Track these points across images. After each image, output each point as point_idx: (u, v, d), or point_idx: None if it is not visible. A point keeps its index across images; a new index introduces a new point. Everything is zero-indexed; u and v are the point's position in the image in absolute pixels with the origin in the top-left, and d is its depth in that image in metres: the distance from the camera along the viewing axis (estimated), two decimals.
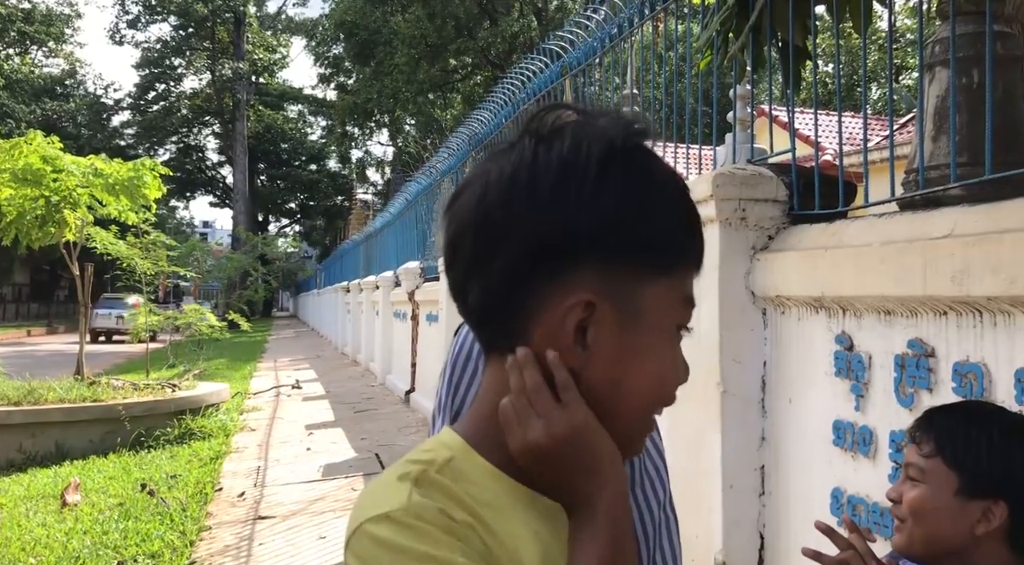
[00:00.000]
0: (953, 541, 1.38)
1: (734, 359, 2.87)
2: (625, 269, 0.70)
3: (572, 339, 0.70)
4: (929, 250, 2.06)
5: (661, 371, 0.74)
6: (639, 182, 0.71)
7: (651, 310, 0.72)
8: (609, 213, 0.69)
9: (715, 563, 2.86)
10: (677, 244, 0.73)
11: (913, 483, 1.42)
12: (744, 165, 3.03)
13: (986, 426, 1.39)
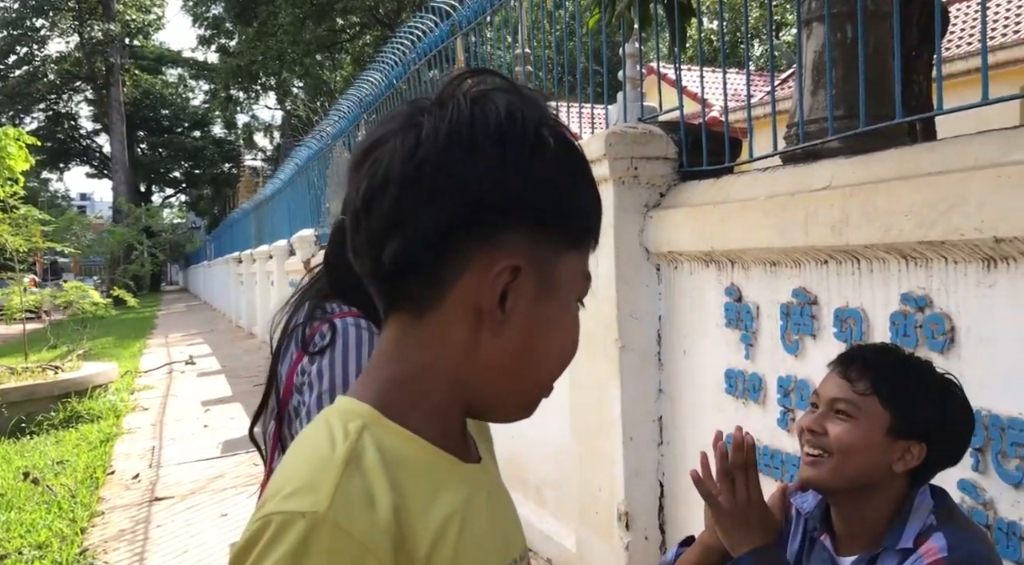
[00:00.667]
0: (872, 475, 1.45)
1: (631, 315, 2.92)
2: (549, 239, 0.71)
3: (495, 302, 0.70)
4: (810, 202, 2.14)
5: (565, 341, 0.76)
6: (565, 156, 0.73)
7: (563, 281, 0.73)
8: (541, 180, 0.70)
9: (618, 513, 2.94)
10: (591, 218, 0.76)
11: (842, 417, 1.45)
12: (635, 124, 3.07)
13: (920, 372, 1.45)
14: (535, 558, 3.84)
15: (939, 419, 1.42)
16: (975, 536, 1.39)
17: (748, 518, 1.49)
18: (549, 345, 0.74)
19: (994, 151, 1.73)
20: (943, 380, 1.46)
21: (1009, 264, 1.67)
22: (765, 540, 1.49)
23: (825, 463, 1.46)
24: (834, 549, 1.54)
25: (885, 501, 1.46)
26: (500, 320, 0.70)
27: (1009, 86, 6.34)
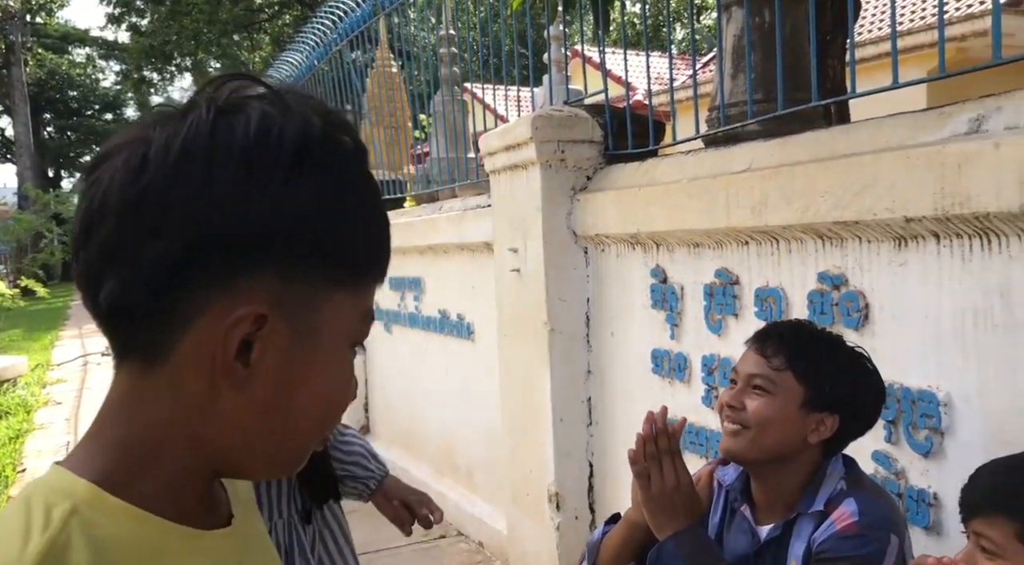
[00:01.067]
0: (788, 447, 1.51)
1: (559, 298, 2.94)
2: (307, 279, 0.61)
3: (233, 355, 0.59)
4: (731, 184, 2.19)
5: (330, 393, 0.65)
6: (335, 181, 0.61)
7: (328, 326, 0.63)
8: (298, 213, 0.59)
9: (549, 494, 2.97)
10: (368, 255, 0.66)
11: (759, 392, 1.51)
12: (561, 107, 3.07)
13: (833, 348, 1.52)
14: (466, 541, 3.85)
15: (850, 392, 1.48)
16: (883, 500, 1.47)
17: (673, 502, 1.53)
18: (309, 399, 0.63)
19: (903, 134, 1.79)
20: (854, 354, 1.53)
21: (919, 243, 1.74)
22: (687, 523, 1.53)
23: (744, 436, 1.51)
24: (753, 519, 1.60)
25: (800, 470, 1.52)
26: (243, 375, 0.60)
27: (917, 70, 6.59)
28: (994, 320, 1.59)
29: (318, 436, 0.67)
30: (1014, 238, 1.54)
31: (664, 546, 1.52)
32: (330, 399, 0.66)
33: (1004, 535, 1.20)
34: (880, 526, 1.40)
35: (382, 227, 0.67)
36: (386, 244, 0.68)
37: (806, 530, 1.49)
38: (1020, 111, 1.55)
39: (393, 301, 4.92)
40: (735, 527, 1.62)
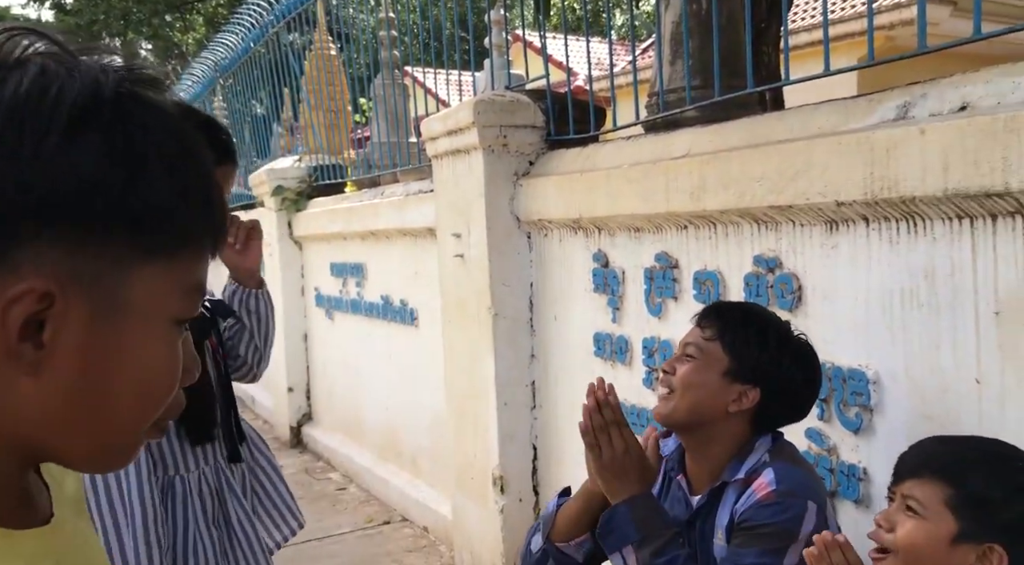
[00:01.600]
0: (708, 412, 1.58)
1: (503, 283, 2.95)
2: (104, 250, 0.55)
3: (16, 337, 0.53)
4: (671, 169, 2.22)
5: (150, 375, 0.59)
6: (130, 142, 0.56)
7: (140, 301, 0.57)
8: (80, 176, 0.53)
9: (492, 478, 2.99)
10: (180, 222, 0.58)
11: (688, 359, 1.59)
12: (503, 91, 3.07)
13: (764, 326, 1.59)
14: (411, 526, 3.86)
15: (774, 368, 1.55)
16: (800, 468, 1.55)
17: (625, 467, 1.58)
18: (125, 383, 0.58)
19: (835, 120, 1.84)
20: (787, 336, 1.60)
21: (849, 226, 1.80)
22: (641, 489, 1.58)
23: (670, 399, 1.59)
24: (688, 489, 1.66)
25: (726, 442, 1.60)
26: (35, 357, 0.54)
27: (848, 58, 6.77)
28: (919, 300, 1.66)
29: (143, 424, 0.61)
30: (938, 221, 1.61)
31: (617, 509, 1.56)
32: (150, 382, 0.59)
33: (933, 497, 1.25)
34: (797, 493, 1.47)
35: (199, 192, 0.60)
36: (207, 210, 0.61)
37: (730, 500, 1.57)
38: (944, 98, 1.61)
39: (335, 287, 4.87)
40: (671, 496, 1.69)
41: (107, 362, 0.57)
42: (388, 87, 4.97)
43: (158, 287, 0.58)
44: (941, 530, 1.24)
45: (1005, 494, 1.23)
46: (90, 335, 0.55)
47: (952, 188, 1.50)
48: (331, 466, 4.88)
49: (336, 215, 4.75)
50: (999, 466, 1.27)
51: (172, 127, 0.59)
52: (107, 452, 0.61)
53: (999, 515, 1.22)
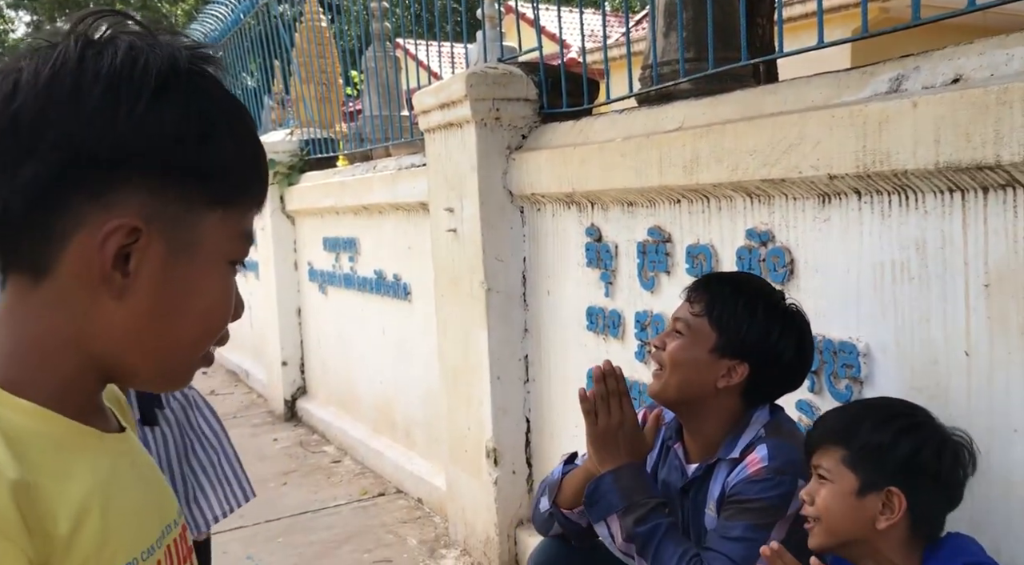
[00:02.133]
0: (697, 389, 1.59)
1: (496, 258, 2.95)
2: (179, 196, 0.66)
3: (110, 265, 0.64)
4: (664, 143, 2.22)
5: (210, 306, 0.71)
6: (201, 105, 0.67)
7: (206, 242, 0.69)
8: (164, 131, 0.65)
9: (486, 450, 3.02)
10: (239, 176, 0.70)
11: (677, 335, 1.59)
12: (495, 64, 3.05)
13: (753, 299, 1.59)
14: (405, 498, 3.89)
15: (762, 342, 1.55)
16: (794, 444, 1.55)
17: (617, 439, 1.59)
18: (188, 310, 0.69)
19: (828, 93, 1.84)
20: (777, 308, 1.59)
21: (841, 200, 1.80)
22: (631, 459, 1.59)
23: (661, 376, 1.61)
24: (684, 457, 1.68)
25: (719, 416, 1.61)
26: (122, 284, 0.65)
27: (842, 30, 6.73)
28: (910, 273, 1.66)
29: (201, 349, 0.72)
30: (930, 195, 1.61)
31: (602, 479, 1.58)
32: (209, 313, 0.71)
33: (832, 460, 1.36)
34: (787, 471, 1.48)
35: (253, 152, 0.72)
36: (258, 168, 0.73)
37: (722, 473, 1.58)
38: (936, 71, 1.61)
39: (328, 262, 4.86)
40: (668, 462, 1.71)
41: (177, 293, 0.68)
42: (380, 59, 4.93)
43: (219, 231, 0.69)
44: (846, 487, 1.34)
45: (890, 439, 1.32)
46: (165, 268, 0.66)
47: (944, 161, 1.50)
48: (326, 439, 4.91)
49: (328, 189, 4.73)
50: (880, 416, 1.37)
51: (230, 97, 0.71)
52: (170, 372, 0.72)
53: (888, 460, 1.32)
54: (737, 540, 1.46)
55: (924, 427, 1.35)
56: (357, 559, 3.23)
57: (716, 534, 1.50)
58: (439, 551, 3.29)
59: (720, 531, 1.49)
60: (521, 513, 3.04)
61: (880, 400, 1.47)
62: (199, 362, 0.73)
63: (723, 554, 1.46)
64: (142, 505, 0.71)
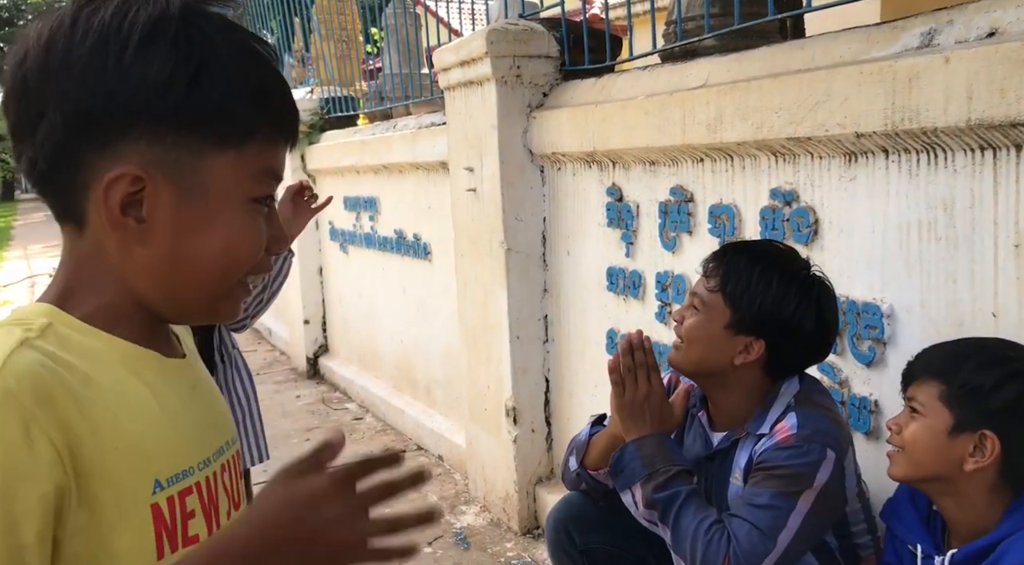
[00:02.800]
0: (714, 365, 1.58)
1: (516, 217, 2.94)
2: (181, 141, 0.68)
3: (119, 213, 0.68)
4: (687, 101, 2.18)
5: (230, 243, 0.73)
6: (193, 50, 0.68)
7: (217, 184, 0.71)
8: (153, 81, 0.66)
9: (505, 409, 3.04)
10: (243, 117, 0.71)
11: (694, 310, 1.58)
12: (516, 20, 3.00)
13: (768, 272, 1.53)
14: (426, 455, 3.94)
15: (778, 318, 1.51)
16: (824, 413, 1.52)
17: (643, 410, 1.59)
18: (208, 247, 0.72)
19: (856, 48, 1.79)
20: (795, 278, 1.54)
21: (868, 158, 1.76)
22: (655, 429, 1.59)
23: (679, 349, 1.60)
24: (709, 426, 1.67)
25: (741, 390, 1.59)
26: (140, 229, 0.69)
27: None
28: (937, 233, 1.64)
29: (230, 281, 0.75)
30: (959, 153, 1.57)
31: (626, 448, 1.59)
32: (231, 249, 0.73)
33: (929, 395, 1.33)
34: (816, 439, 1.45)
35: (258, 88, 0.72)
36: (267, 104, 0.73)
37: (750, 444, 1.56)
38: (971, 25, 1.56)
39: (348, 221, 4.87)
40: (693, 430, 1.71)
41: (195, 232, 0.71)
42: (400, 16, 4.87)
43: (231, 172, 0.71)
44: (939, 424, 1.30)
45: (993, 382, 1.28)
46: (179, 211, 0.70)
47: (976, 118, 1.46)
48: (347, 396, 4.97)
49: (349, 148, 4.71)
50: (987, 357, 1.32)
51: (231, 34, 0.71)
52: (208, 307, 0.76)
53: (988, 403, 1.27)
54: (762, 507, 1.44)
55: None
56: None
57: (742, 501, 1.49)
58: (459, 507, 3.34)
59: (746, 498, 1.48)
60: (540, 471, 3.07)
61: (991, 340, 1.40)
62: (241, 291, 0.76)
63: (747, 521, 1.44)
64: (197, 422, 0.76)
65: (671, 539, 1.51)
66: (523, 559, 2.88)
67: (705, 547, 1.44)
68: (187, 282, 0.73)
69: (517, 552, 2.94)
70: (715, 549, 1.43)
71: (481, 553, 2.94)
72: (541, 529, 3.02)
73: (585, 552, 1.85)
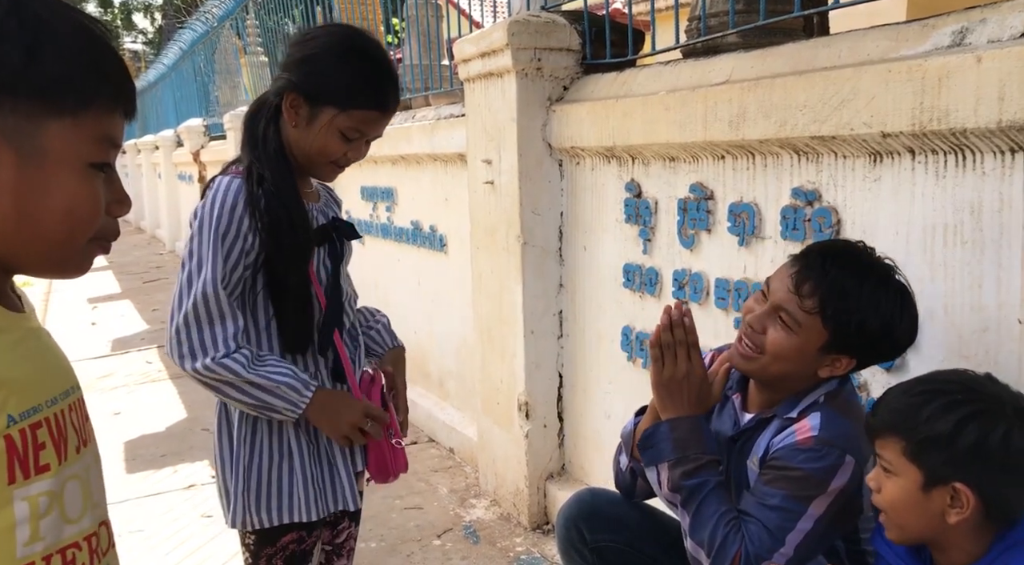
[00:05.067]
0: (797, 378, 1.54)
1: (533, 211, 2.92)
2: (15, 109, 0.74)
3: None
4: (710, 96, 2.15)
5: (69, 206, 0.78)
6: (25, 23, 0.73)
7: (56, 149, 0.76)
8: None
9: (518, 403, 3.02)
10: (79, 85, 0.77)
11: (782, 326, 1.49)
12: (538, 12, 2.98)
13: (875, 294, 1.45)
14: (437, 447, 3.94)
15: (876, 338, 1.47)
16: (849, 420, 1.48)
17: (681, 389, 1.56)
18: (49, 210, 0.77)
19: (885, 46, 1.76)
20: (893, 296, 1.47)
21: (894, 158, 1.73)
22: (693, 411, 1.56)
23: (757, 360, 1.54)
24: (742, 407, 1.65)
25: (795, 388, 1.56)
26: None
27: None
28: (963, 236, 1.60)
29: (77, 243, 0.81)
30: (989, 155, 1.54)
31: (659, 427, 1.57)
32: (71, 212, 0.79)
33: (894, 452, 1.26)
34: (836, 444, 1.42)
35: (93, 60, 0.78)
36: (101, 75, 0.79)
37: (771, 430, 1.54)
38: (1005, 23, 1.53)
39: (365, 211, 4.86)
40: (725, 411, 1.68)
41: (36, 195, 0.76)
42: (421, 7, 4.85)
43: (69, 138, 0.77)
44: (910, 482, 1.25)
45: (950, 429, 1.20)
46: (20, 174, 0.75)
47: (1007, 120, 1.43)
48: None
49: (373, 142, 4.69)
50: (940, 404, 1.23)
51: (65, 13, 0.77)
52: (57, 263, 0.82)
53: (951, 452, 1.20)
54: (773, 509, 1.43)
55: (988, 410, 1.22)
56: (389, 505, 3.28)
57: (754, 499, 1.47)
58: (469, 501, 3.33)
59: (758, 496, 1.47)
60: (551, 466, 3.06)
61: (940, 378, 1.32)
62: (91, 251, 0.83)
63: (759, 521, 1.44)
64: (43, 367, 0.83)
65: (689, 526, 1.50)
66: (532, 554, 2.87)
67: (721, 541, 1.44)
68: (31, 239, 0.78)
69: (526, 547, 2.93)
70: (729, 544, 1.43)
71: (490, 547, 2.94)
72: (551, 524, 3.01)
73: (596, 550, 1.83)
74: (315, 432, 1.66)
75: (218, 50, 9.71)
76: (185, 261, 1.52)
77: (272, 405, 1.54)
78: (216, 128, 9.54)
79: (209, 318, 1.50)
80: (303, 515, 1.63)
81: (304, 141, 1.59)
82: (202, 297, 1.48)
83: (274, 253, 1.55)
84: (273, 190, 1.55)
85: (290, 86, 1.58)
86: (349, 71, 1.57)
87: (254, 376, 1.51)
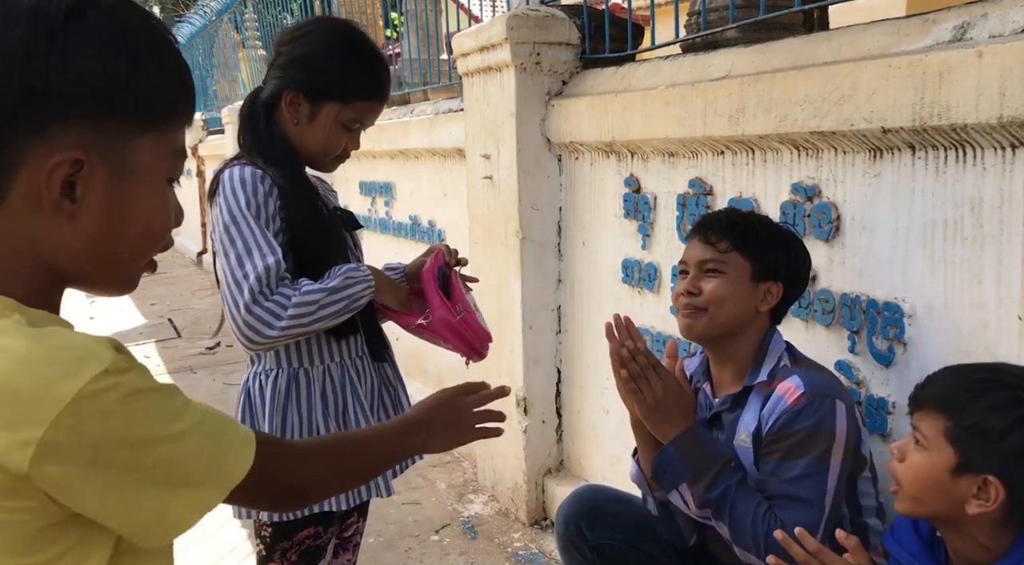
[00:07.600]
0: (743, 318, 1.63)
1: (532, 206, 2.91)
2: (115, 126, 0.72)
3: (58, 194, 0.71)
4: (709, 91, 2.14)
5: (151, 221, 0.78)
6: (119, 37, 0.71)
7: (142, 165, 0.75)
8: (89, 69, 0.69)
9: (517, 399, 3.02)
10: (167, 99, 0.76)
11: (713, 274, 1.63)
12: (537, 6, 2.96)
13: (765, 225, 1.68)
14: None
15: (786, 260, 1.65)
16: (822, 372, 1.60)
17: (668, 408, 1.59)
18: (133, 226, 0.76)
19: (885, 41, 1.75)
20: (782, 228, 1.72)
21: (894, 154, 1.72)
22: (687, 424, 1.59)
23: (703, 317, 1.63)
24: (712, 394, 1.69)
25: (750, 340, 1.65)
26: (71, 208, 0.72)
27: None
28: (963, 232, 1.60)
29: (146, 258, 0.80)
30: (989, 151, 1.53)
31: (664, 452, 1.59)
32: (152, 227, 0.78)
33: (934, 429, 1.25)
34: (825, 393, 1.51)
35: (178, 75, 0.77)
36: (184, 90, 0.78)
37: (755, 404, 1.59)
38: (1006, 18, 1.52)
39: (364, 206, 4.85)
40: (698, 405, 1.70)
41: (122, 212, 0.75)
42: (420, 2, 4.83)
43: (154, 153, 0.76)
44: (941, 462, 1.23)
45: (1005, 426, 1.19)
46: (109, 191, 0.73)
47: (1008, 115, 1.42)
48: None
49: (365, 134, 4.68)
50: (1000, 396, 1.21)
51: (150, 22, 0.75)
52: (120, 280, 0.81)
53: (997, 447, 1.19)
54: (800, 480, 1.46)
55: None
56: (387, 500, 3.27)
57: (776, 479, 1.50)
58: (467, 496, 3.33)
59: (780, 475, 1.49)
60: (549, 462, 3.06)
61: (1007, 370, 1.29)
62: (145, 269, 0.82)
63: (790, 498, 1.47)
64: None
65: (730, 534, 1.53)
66: (530, 550, 2.87)
67: (764, 538, 1.46)
68: (109, 257, 0.77)
69: (524, 542, 2.92)
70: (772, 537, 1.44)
71: (488, 543, 2.93)
72: (549, 520, 3.01)
73: (596, 548, 1.83)
74: (345, 419, 1.67)
75: (216, 44, 9.69)
76: (227, 250, 1.49)
77: (356, 294, 1.60)
78: (214, 122, 9.52)
79: (271, 287, 1.49)
80: (333, 504, 1.63)
81: (306, 137, 1.61)
82: (264, 271, 1.48)
83: (305, 239, 1.58)
84: (289, 186, 1.57)
85: (289, 85, 1.58)
86: (349, 66, 1.60)
87: (328, 283, 1.55)
